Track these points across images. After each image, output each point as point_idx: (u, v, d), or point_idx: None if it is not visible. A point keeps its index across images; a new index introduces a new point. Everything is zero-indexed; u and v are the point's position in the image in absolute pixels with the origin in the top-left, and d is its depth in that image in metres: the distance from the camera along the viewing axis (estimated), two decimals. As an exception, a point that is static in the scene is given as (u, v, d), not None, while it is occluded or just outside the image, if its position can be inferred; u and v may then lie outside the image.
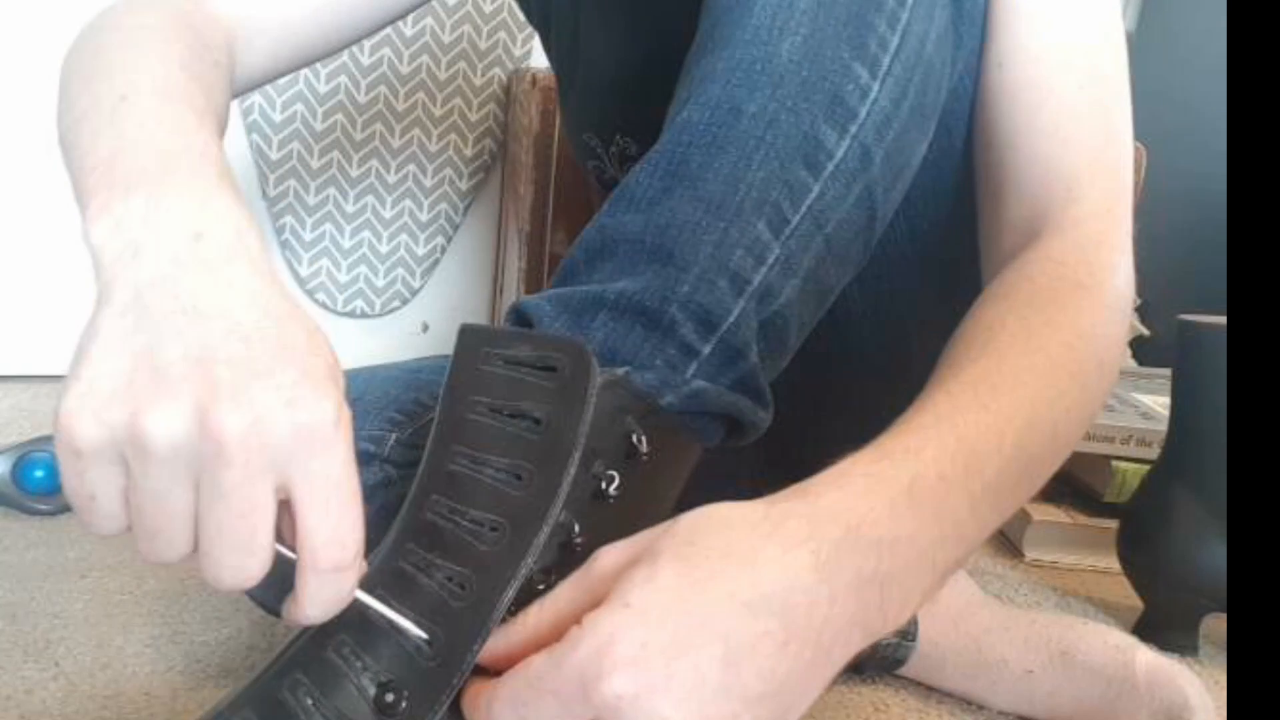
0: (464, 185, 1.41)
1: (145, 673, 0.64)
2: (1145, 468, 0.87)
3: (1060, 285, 0.50)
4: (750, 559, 0.35)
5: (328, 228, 1.36)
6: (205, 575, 0.34)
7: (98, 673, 0.63)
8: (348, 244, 1.38)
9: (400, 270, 1.41)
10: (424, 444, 0.44)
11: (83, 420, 0.32)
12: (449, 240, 1.43)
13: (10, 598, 0.73)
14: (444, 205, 1.41)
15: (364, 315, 1.41)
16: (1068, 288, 0.50)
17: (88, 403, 0.32)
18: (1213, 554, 0.76)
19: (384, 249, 1.40)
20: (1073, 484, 1.03)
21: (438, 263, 1.43)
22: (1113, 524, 0.86)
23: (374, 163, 1.36)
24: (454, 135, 1.38)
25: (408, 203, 1.39)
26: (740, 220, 0.45)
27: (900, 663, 0.70)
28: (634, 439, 0.44)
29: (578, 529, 0.42)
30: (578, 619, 0.36)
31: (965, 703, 0.69)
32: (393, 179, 1.37)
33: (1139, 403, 1.06)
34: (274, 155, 1.29)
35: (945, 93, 0.54)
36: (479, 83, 1.37)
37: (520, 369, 0.43)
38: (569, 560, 0.41)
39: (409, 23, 1.30)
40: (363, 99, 1.32)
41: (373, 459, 0.57)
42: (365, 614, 0.39)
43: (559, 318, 0.45)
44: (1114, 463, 0.97)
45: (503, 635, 0.40)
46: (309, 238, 1.36)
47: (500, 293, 1.44)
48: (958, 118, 0.58)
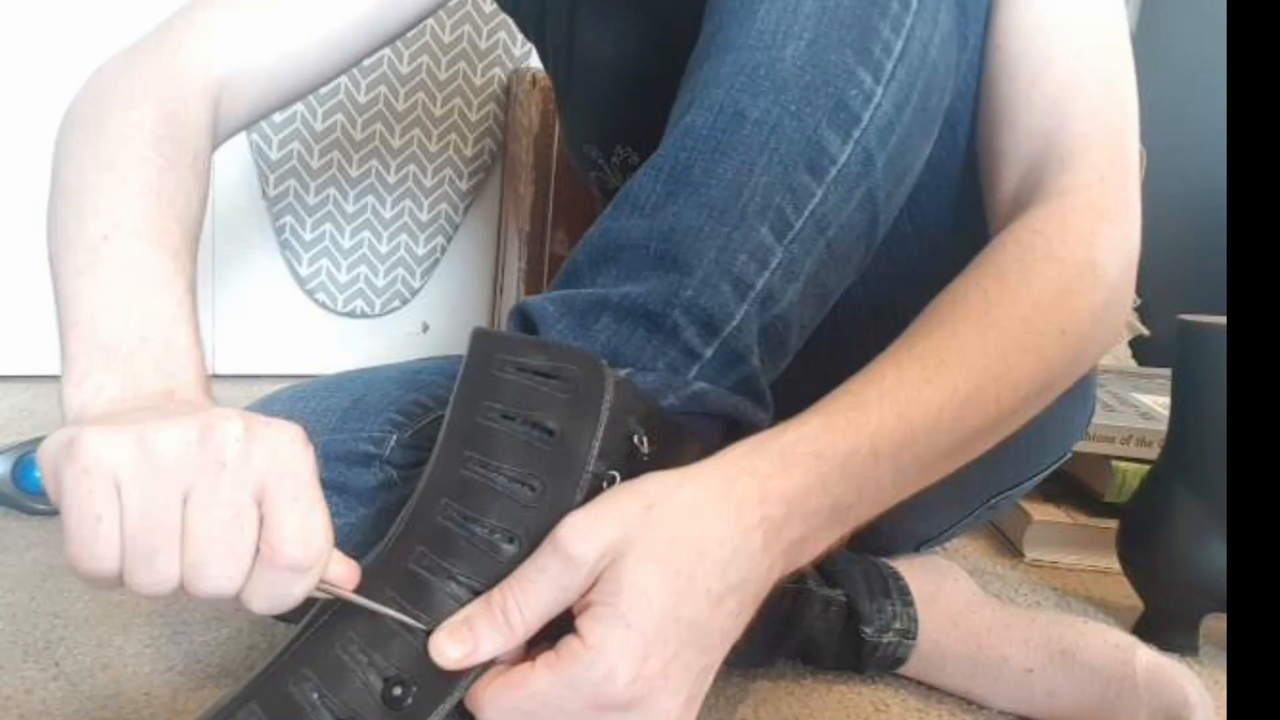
0: (464, 185, 1.41)
1: (145, 673, 0.64)
2: (1145, 468, 0.87)
3: (1029, 255, 0.50)
4: (718, 552, 0.40)
5: (328, 228, 1.36)
6: (190, 585, 0.38)
7: (98, 673, 0.63)
8: (348, 244, 1.38)
9: (400, 270, 1.41)
10: (425, 445, 0.44)
11: (101, 437, 0.37)
12: (449, 240, 1.43)
13: (10, 598, 0.73)
14: (444, 205, 1.41)
15: (364, 315, 1.41)
16: (1037, 257, 0.50)
17: (103, 430, 0.37)
18: (1213, 554, 0.76)
19: (384, 249, 1.40)
20: (1073, 484, 1.03)
21: (438, 263, 1.43)
22: (1113, 524, 0.86)
23: (374, 163, 1.36)
24: (454, 135, 1.38)
25: (408, 203, 1.39)
26: (743, 225, 0.46)
27: (900, 661, 0.70)
28: (635, 439, 0.44)
29: None
30: (563, 610, 0.40)
31: (965, 702, 0.69)
32: (393, 179, 1.37)
33: (1139, 403, 1.06)
34: (274, 155, 1.29)
35: (949, 95, 0.54)
36: (479, 83, 1.37)
37: (534, 377, 0.43)
38: None
39: (409, 23, 1.30)
40: (363, 99, 1.32)
41: (373, 460, 0.57)
42: (373, 612, 0.40)
43: (562, 319, 0.45)
44: (1114, 463, 0.97)
45: (487, 633, 0.40)
46: (309, 238, 1.36)
47: (500, 293, 1.44)
48: (962, 117, 0.58)
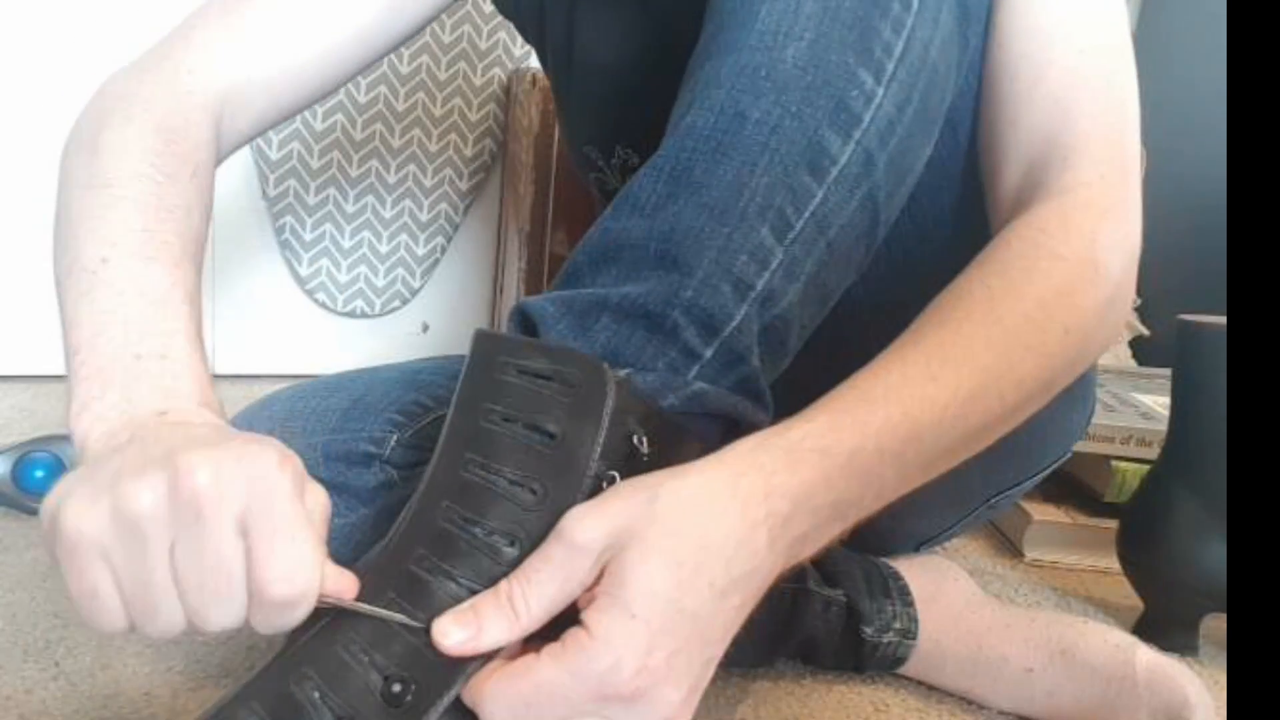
0: (464, 185, 1.41)
1: (145, 673, 0.64)
2: (1145, 468, 0.87)
3: (1032, 253, 0.51)
4: (722, 547, 0.40)
5: (328, 228, 1.36)
6: (197, 627, 0.39)
7: (98, 673, 0.63)
8: (348, 244, 1.38)
9: (400, 270, 1.41)
10: (425, 445, 0.44)
11: (77, 513, 0.37)
12: (449, 240, 1.43)
13: (10, 598, 0.73)
14: (444, 205, 1.41)
15: (364, 315, 1.41)
16: (1040, 255, 0.50)
17: (80, 500, 0.38)
18: (1213, 554, 0.76)
19: (384, 249, 1.40)
20: (1073, 484, 1.03)
21: (438, 263, 1.43)
22: (1113, 524, 0.86)
23: (374, 163, 1.36)
24: (454, 135, 1.38)
25: (408, 203, 1.39)
26: (744, 226, 0.46)
27: (901, 661, 0.70)
28: (635, 439, 0.44)
29: None
30: (568, 601, 0.40)
31: (965, 702, 0.69)
32: (393, 179, 1.37)
33: (1139, 403, 1.06)
34: (274, 155, 1.29)
35: (951, 95, 0.54)
36: (479, 83, 1.37)
37: (535, 380, 0.43)
38: None
39: (409, 23, 1.30)
40: (363, 99, 1.32)
41: (374, 460, 0.57)
42: (373, 613, 0.40)
43: (562, 320, 0.45)
44: (1114, 463, 0.97)
45: (492, 619, 0.40)
46: (309, 238, 1.36)
47: (500, 293, 1.44)
48: (964, 117, 0.58)
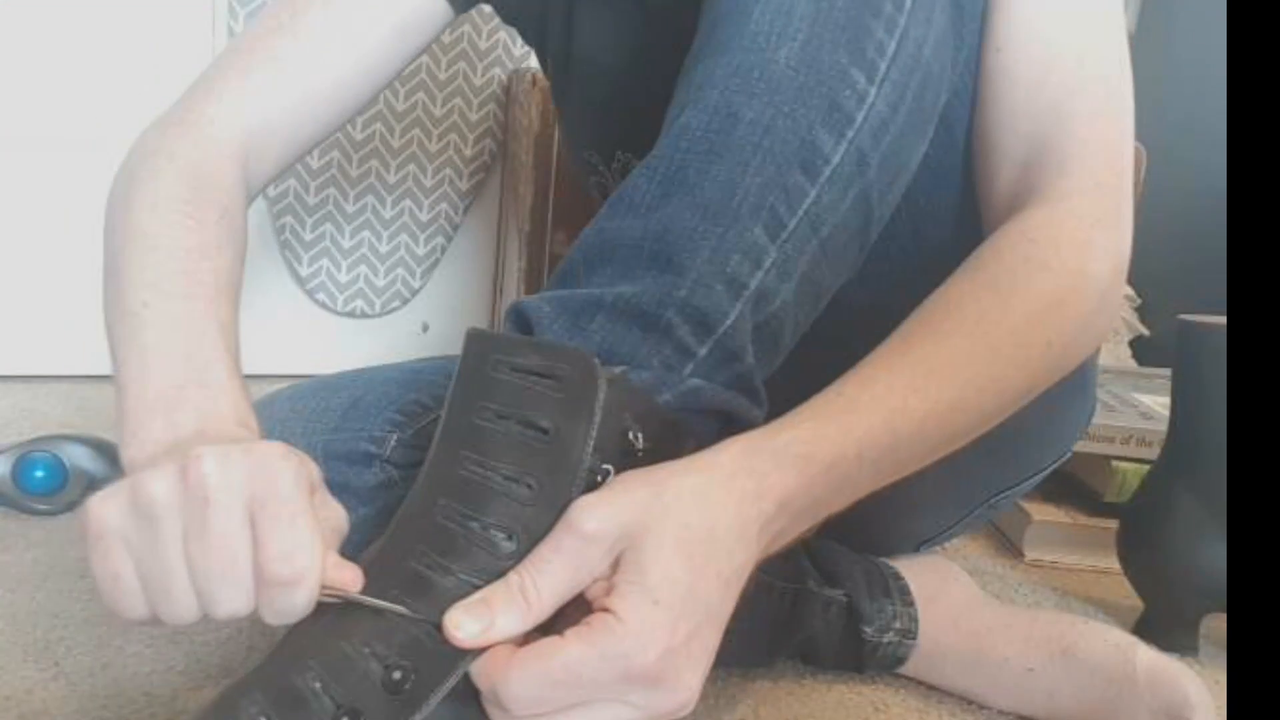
0: (464, 185, 1.41)
1: (145, 673, 0.64)
2: (1145, 468, 0.87)
3: (1023, 266, 0.51)
4: (725, 537, 0.42)
5: (328, 228, 1.36)
6: (208, 611, 0.41)
7: (98, 673, 0.63)
8: (348, 244, 1.38)
9: (400, 270, 1.41)
10: (426, 444, 0.44)
11: (101, 502, 0.41)
12: (449, 240, 1.43)
13: (10, 598, 0.73)
14: (444, 205, 1.41)
15: (364, 315, 1.41)
16: (1032, 269, 0.50)
17: (105, 493, 0.41)
18: (1213, 554, 0.76)
19: (384, 249, 1.40)
20: (1073, 484, 1.03)
21: (438, 263, 1.43)
22: (1113, 524, 0.86)
23: (374, 163, 1.36)
24: (454, 135, 1.38)
25: (408, 203, 1.39)
26: (737, 225, 0.46)
27: (901, 661, 0.70)
28: (630, 435, 0.44)
29: None
30: (578, 590, 0.41)
31: (965, 702, 0.69)
32: (393, 179, 1.37)
33: (1139, 403, 1.06)
34: (274, 155, 1.29)
35: (945, 95, 0.54)
36: (479, 83, 1.37)
37: (528, 377, 0.43)
38: None
39: (409, 23, 1.30)
40: (363, 99, 1.32)
41: (374, 459, 0.57)
42: (374, 607, 0.40)
43: (558, 319, 0.46)
44: (1114, 463, 0.97)
45: (504, 609, 0.40)
46: (309, 238, 1.36)
47: (500, 293, 1.44)
48: (959, 116, 0.58)
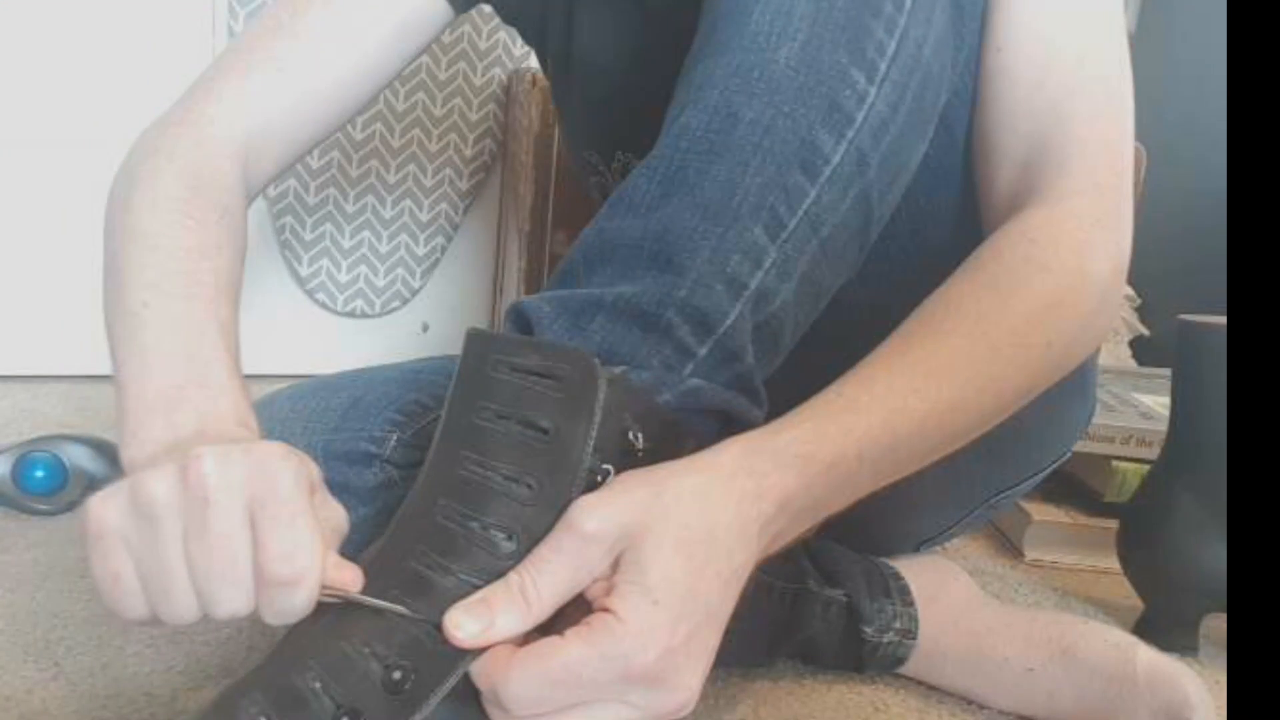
0: (464, 185, 1.41)
1: (145, 673, 0.64)
2: (1145, 468, 0.87)
3: (1022, 267, 0.51)
4: (725, 537, 0.42)
5: (328, 228, 1.36)
6: (208, 611, 0.41)
7: (98, 673, 0.63)
8: (348, 244, 1.38)
9: (400, 270, 1.41)
10: (426, 444, 0.44)
11: (101, 502, 0.41)
12: (449, 240, 1.43)
13: (10, 598, 0.73)
14: (444, 205, 1.41)
15: (364, 315, 1.41)
16: (1031, 270, 0.51)
17: (105, 493, 0.41)
18: (1213, 554, 0.76)
19: (384, 249, 1.40)
20: (1073, 484, 1.03)
21: (438, 263, 1.43)
22: (1113, 524, 0.86)
23: (374, 163, 1.36)
24: (454, 135, 1.38)
25: (408, 203, 1.39)
26: (737, 225, 0.46)
27: (901, 661, 0.70)
28: (630, 435, 0.44)
29: None
30: (578, 590, 0.41)
31: (965, 702, 0.69)
32: (393, 179, 1.37)
33: (1139, 403, 1.06)
34: (274, 155, 1.29)
35: (945, 95, 0.54)
36: (479, 83, 1.38)
37: (527, 377, 0.43)
38: None
39: (409, 23, 1.30)
40: (363, 99, 1.32)
41: (374, 459, 0.57)
42: (374, 607, 0.40)
43: (558, 319, 0.46)
44: (1114, 463, 0.97)
45: (504, 609, 0.40)
46: (309, 238, 1.36)
47: (500, 293, 1.44)
48: (959, 116, 0.58)
